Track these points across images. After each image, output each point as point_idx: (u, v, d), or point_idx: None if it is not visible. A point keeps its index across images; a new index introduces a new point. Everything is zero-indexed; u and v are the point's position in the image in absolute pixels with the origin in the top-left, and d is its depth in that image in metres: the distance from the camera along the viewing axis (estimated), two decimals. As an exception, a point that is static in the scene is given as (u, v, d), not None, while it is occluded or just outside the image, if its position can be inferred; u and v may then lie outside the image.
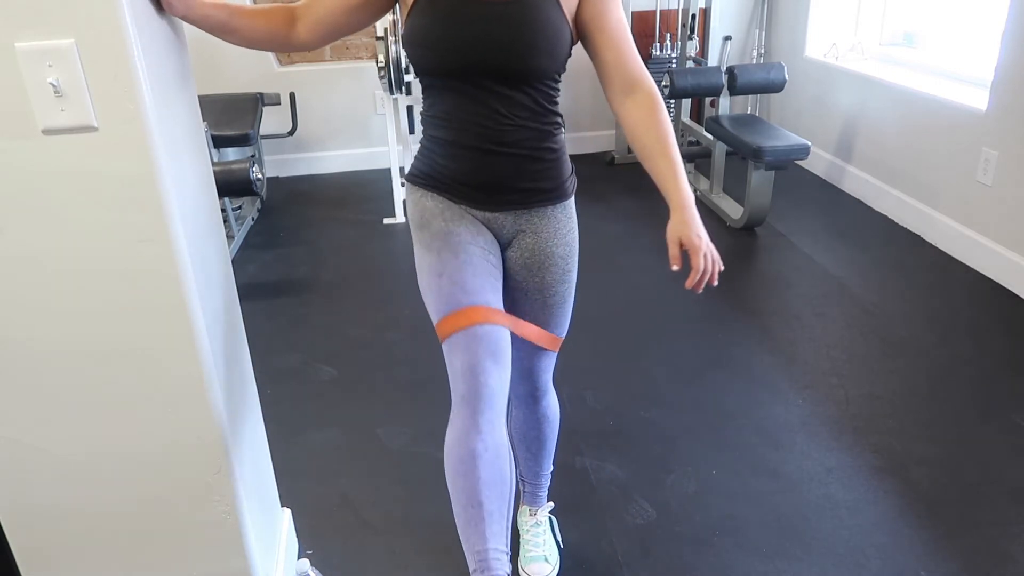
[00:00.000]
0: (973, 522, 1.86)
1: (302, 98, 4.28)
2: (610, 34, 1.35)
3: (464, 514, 1.31)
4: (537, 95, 1.36)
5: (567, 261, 1.48)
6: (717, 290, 3.25)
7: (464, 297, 1.33)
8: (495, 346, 1.32)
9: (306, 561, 1.72)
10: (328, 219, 3.98)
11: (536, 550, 1.76)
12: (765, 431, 2.21)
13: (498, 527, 1.29)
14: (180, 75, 1.25)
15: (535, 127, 1.38)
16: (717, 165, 3.88)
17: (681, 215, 1.39)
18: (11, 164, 1.05)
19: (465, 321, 1.31)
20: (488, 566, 1.27)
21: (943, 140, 3.32)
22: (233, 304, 1.47)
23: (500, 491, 1.31)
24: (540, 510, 1.81)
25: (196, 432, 1.26)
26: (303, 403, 2.43)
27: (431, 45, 1.30)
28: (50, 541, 1.33)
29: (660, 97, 1.38)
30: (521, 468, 1.78)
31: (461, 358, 1.31)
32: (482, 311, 1.32)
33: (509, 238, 1.45)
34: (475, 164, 1.38)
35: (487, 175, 1.39)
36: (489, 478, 1.28)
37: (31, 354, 1.17)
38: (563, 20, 1.31)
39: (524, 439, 1.71)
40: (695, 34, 4.37)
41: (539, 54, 1.31)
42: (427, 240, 1.40)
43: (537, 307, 1.49)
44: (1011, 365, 2.48)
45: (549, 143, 1.41)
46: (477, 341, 1.30)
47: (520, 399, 1.65)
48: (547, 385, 1.64)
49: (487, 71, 1.31)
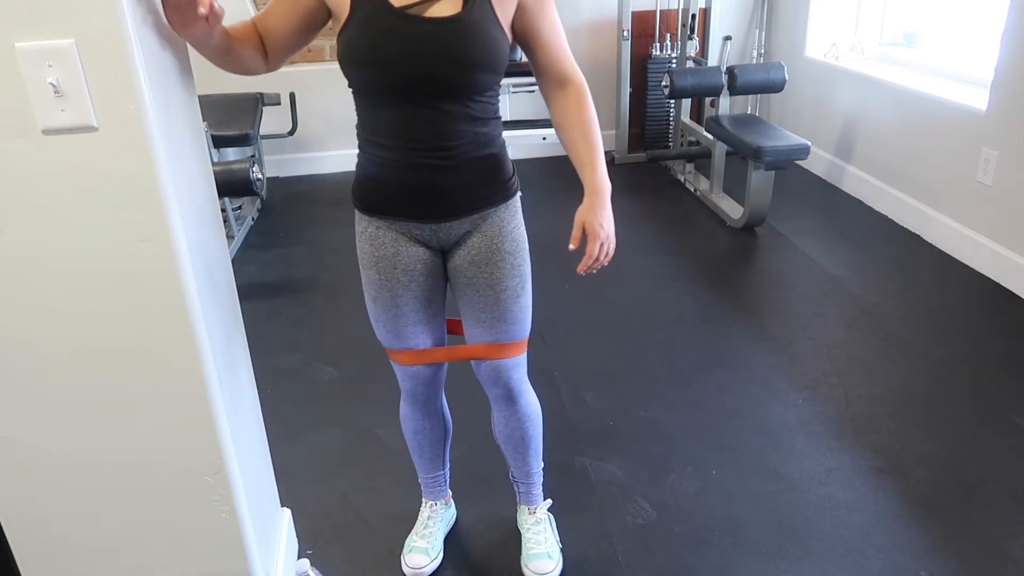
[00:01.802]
0: (973, 522, 1.86)
1: (302, 98, 4.27)
2: (545, 39, 1.41)
3: (416, 458, 1.81)
4: (476, 106, 1.37)
5: (515, 256, 1.50)
6: (717, 290, 3.26)
7: (397, 342, 1.56)
8: (422, 378, 1.62)
9: (306, 561, 1.72)
10: (328, 219, 3.98)
11: (538, 547, 1.76)
12: (765, 431, 2.21)
13: (433, 463, 1.81)
14: (180, 75, 1.25)
15: (475, 136, 1.40)
16: (717, 165, 3.89)
17: (591, 200, 1.44)
18: (11, 164, 1.05)
19: (399, 359, 1.59)
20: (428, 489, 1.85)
21: (943, 140, 3.32)
22: (233, 304, 1.47)
23: (436, 446, 1.78)
24: (538, 508, 1.81)
25: (196, 432, 1.26)
26: (303, 403, 2.44)
27: (369, 64, 1.31)
28: (50, 541, 1.33)
29: (587, 91, 1.46)
30: (511, 469, 1.79)
31: (400, 377, 1.65)
32: (411, 355, 1.57)
33: (456, 240, 1.48)
34: (417, 179, 1.40)
35: (430, 188, 1.41)
36: (432, 440, 1.76)
37: (31, 354, 1.17)
38: (501, 32, 1.34)
39: (509, 440, 1.71)
40: (695, 34, 4.37)
41: (481, 70, 1.33)
42: (365, 282, 1.54)
43: (490, 303, 1.50)
44: (1011, 365, 2.48)
45: (490, 148, 1.43)
46: (409, 376, 1.62)
47: (496, 401, 1.66)
48: (520, 385, 1.63)
49: (427, 88, 1.32)
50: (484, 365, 1.58)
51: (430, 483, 1.83)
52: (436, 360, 1.60)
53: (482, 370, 1.59)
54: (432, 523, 1.81)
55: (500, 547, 1.84)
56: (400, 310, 1.51)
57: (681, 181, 4.32)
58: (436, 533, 1.80)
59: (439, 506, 1.84)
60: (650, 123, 4.62)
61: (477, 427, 2.23)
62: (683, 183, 4.29)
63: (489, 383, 1.61)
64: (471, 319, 1.53)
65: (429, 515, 1.82)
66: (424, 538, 1.79)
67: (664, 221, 3.82)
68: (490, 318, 1.51)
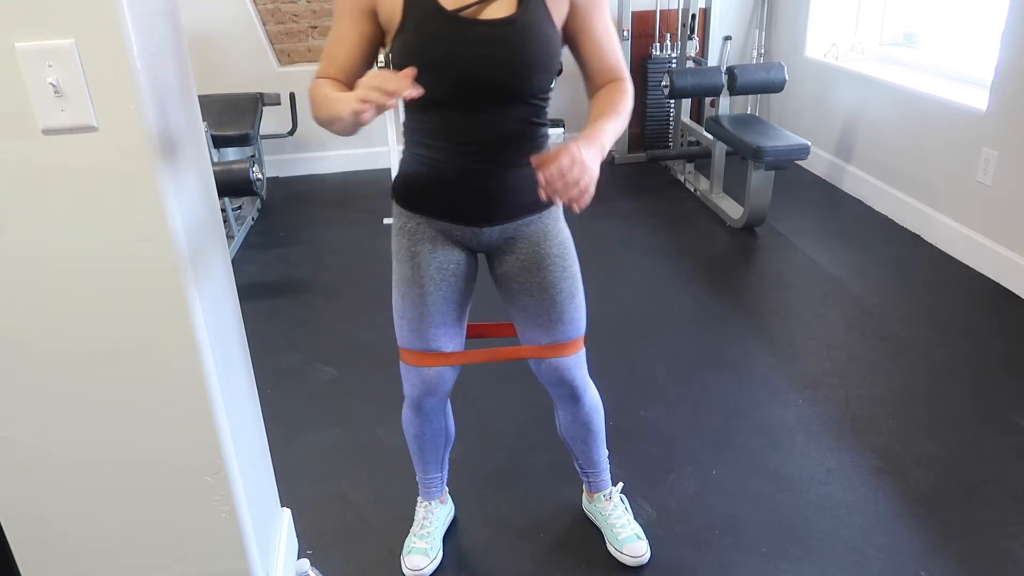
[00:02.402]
0: (973, 522, 1.86)
1: (302, 98, 4.27)
2: (597, 41, 1.39)
3: (415, 459, 1.80)
4: (529, 110, 1.37)
5: (564, 259, 1.50)
6: (717, 290, 3.25)
7: (418, 342, 1.53)
8: (434, 385, 1.59)
9: (306, 561, 1.72)
10: (328, 219, 3.98)
11: (625, 530, 1.79)
12: (765, 431, 2.21)
13: (432, 466, 1.80)
14: (180, 75, 1.25)
15: (525, 141, 1.39)
16: (717, 165, 3.88)
17: (584, 138, 1.25)
18: (11, 164, 1.05)
19: (414, 360, 1.56)
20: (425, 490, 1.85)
21: (943, 140, 3.32)
22: (233, 304, 1.47)
23: (437, 452, 1.77)
24: (613, 491, 1.84)
25: (196, 432, 1.26)
26: (303, 403, 2.43)
27: (424, 67, 1.27)
28: (50, 541, 1.33)
29: (631, 88, 1.41)
30: (579, 461, 1.81)
31: (408, 383, 1.61)
32: (434, 357, 1.55)
33: (498, 245, 1.48)
34: (464, 183, 1.41)
35: (478, 192, 1.41)
36: (433, 447, 1.75)
37: (31, 354, 1.17)
38: (555, 32, 1.33)
39: (576, 436, 1.73)
40: (695, 34, 4.37)
41: (537, 71, 1.33)
42: (396, 277, 1.52)
43: (547, 306, 1.51)
44: (1011, 365, 2.48)
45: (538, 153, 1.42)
46: (421, 379, 1.58)
47: (562, 400, 1.67)
48: (584, 382, 1.65)
49: (482, 90, 1.31)
50: (544, 367, 1.58)
51: (426, 483, 1.83)
52: (473, 361, 1.59)
53: (543, 372, 1.60)
54: (429, 523, 1.81)
55: (500, 547, 1.84)
56: (428, 308, 1.50)
57: (681, 181, 4.31)
58: (434, 532, 1.81)
59: (434, 505, 1.84)
60: (650, 123, 4.62)
61: (477, 427, 2.23)
62: (683, 183, 4.29)
63: (553, 384, 1.62)
64: (527, 324, 1.55)
65: (425, 515, 1.82)
66: (423, 538, 1.79)
67: (664, 221, 3.82)
68: (547, 321, 1.52)
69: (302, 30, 4.38)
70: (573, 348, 1.57)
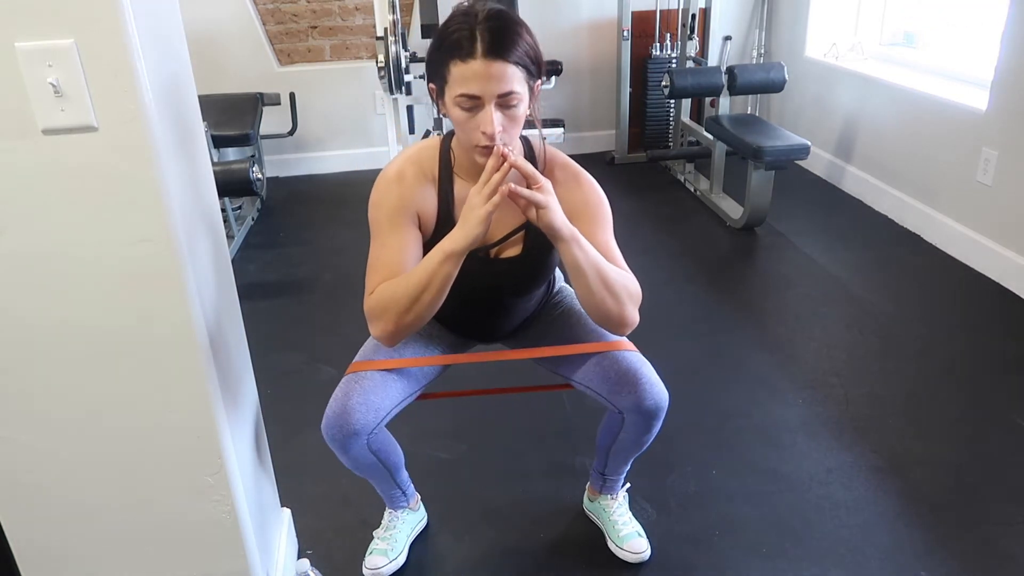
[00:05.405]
0: (973, 522, 1.86)
1: (302, 98, 4.28)
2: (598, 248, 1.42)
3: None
4: (536, 294, 1.63)
5: (569, 304, 1.68)
6: (717, 290, 3.25)
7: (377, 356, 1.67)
8: (377, 415, 1.59)
9: (306, 561, 1.72)
10: (328, 219, 3.98)
11: (626, 528, 1.79)
12: (765, 431, 2.21)
13: (385, 485, 1.74)
14: (180, 75, 1.25)
15: (538, 302, 1.67)
16: (717, 165, 3.89)
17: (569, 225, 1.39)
18: (11, 164, 1.05)
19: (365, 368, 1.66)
20: None
21: (943, 140, 3.32)
22: (233, 304, 1.47)
23: (384, 478, 1.70)
24: (620, 491, 1.85)
25: (196, 432, 1.26)
26: (303, 403, 2.43)
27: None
28: (50, 541, 1.33)
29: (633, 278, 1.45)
30: (606, 468, 1.76)
31: (341, 410, 1.60)
32: (458, 356, 1.68)
33: (506, 338, 1.73)
34: (477, 327, 1.68)
35: (482, 333, 1.71)
36: (382, 473, 1.68)
37: (31, 354, 1.17)
38: (556, 251, 1.44)
39: (623, 449, 1.66)
40: (695, 34, 4.37)
41: (540, 284, 1.60)
42: None
43: (575, 331, 1.62)
44: (1011, 365, 2.48)
45: (545, 298, 1.70)
46: (358, 409, 1.60)
47: (629, 412, 1.54)
48: (661, 395, 1.54)
49: (496, 301, 1.59)
50: (609, 379, 1.52)
51: (387, 496, 1.79)
52: (505, 359, 1.62)
53: (610, 387, 1.53)
54: (394, 526, 1.79)
55: (500, 547, 1.84)
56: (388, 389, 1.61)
57: (681, 181, 4.32)
58: (397, 536, 1.78)
59: (401, 512, 1.82)
60: (650, 123, 4.62)
61: (477, 427, 2.23)
62: (683, 183, 4.29)
63: (627, 403, 1.52)
64: (568, 361, 1.59)
65: (390, 519, 1.80)
66: (384, 540, 1.77)
67: (664, 221, 3.82)
68: (584, 336, 1.59)
69: (302, 30, 4.38)
70: (624, 344, 1.57)
